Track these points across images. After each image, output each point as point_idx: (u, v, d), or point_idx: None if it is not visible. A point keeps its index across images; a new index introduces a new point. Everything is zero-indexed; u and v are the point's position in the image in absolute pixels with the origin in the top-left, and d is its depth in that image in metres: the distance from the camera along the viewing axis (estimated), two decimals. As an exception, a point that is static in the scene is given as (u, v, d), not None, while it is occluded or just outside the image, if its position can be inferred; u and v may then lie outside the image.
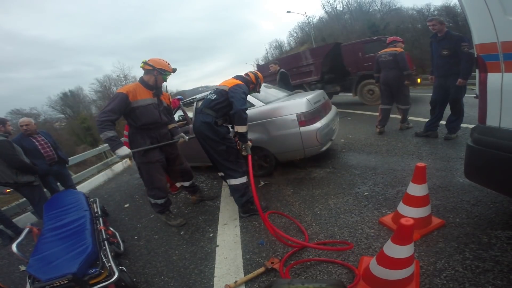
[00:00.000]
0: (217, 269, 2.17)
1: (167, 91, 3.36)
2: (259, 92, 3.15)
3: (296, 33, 54.58)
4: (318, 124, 3.36)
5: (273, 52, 63.43)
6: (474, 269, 1.64)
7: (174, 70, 2.88)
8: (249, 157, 2.69)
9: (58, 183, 4.22)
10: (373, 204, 2.60)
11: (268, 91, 4.13)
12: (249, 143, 2.81)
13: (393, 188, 2.82)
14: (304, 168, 3.85)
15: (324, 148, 3.53)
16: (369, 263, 1.69)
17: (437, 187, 2.65)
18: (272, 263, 1.99)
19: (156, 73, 2.74)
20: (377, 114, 5.14)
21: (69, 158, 6.14)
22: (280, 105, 3.52)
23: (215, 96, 2.85)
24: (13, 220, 4.40)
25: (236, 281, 1.91)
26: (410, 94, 4.94)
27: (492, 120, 1.59)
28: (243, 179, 2.79)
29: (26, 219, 4.35)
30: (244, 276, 1.98)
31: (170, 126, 3.14)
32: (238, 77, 3.00)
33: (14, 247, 2.12)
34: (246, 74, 3.06)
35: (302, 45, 44.53)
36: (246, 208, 2.83)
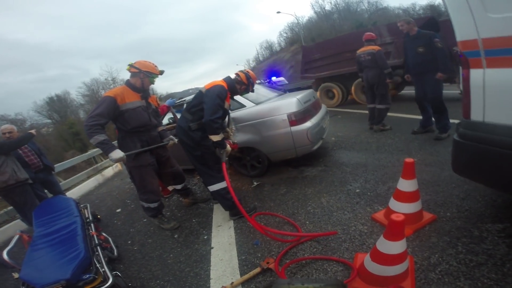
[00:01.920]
0: (212, 271, 2.16)
1: (153, 94, 3.33)
2: (252, 91, 3.05)
3: (286, 33, 55.01)
4: (308, 124, 3.39)
5: (263, 52, 63.77)
6: (468, 263, 1.65)
7: (161, 72, 2.83)
8: (223, 165, 2.61)
9: (46, 191, 4.13)
10: (365, 200, 2.64)
11: (258, 92, 4.15)
12: (229, 147, 2.75)
13: (384, 184, 2.86)
14: (297, 167, 3.88)
15: (315, 147, 3.57)
16: (364, 259, 1.71)
17: (427, 182, 2.69)
18: (267, 263, 1.99)
19: (143, 75, 2.70)
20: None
21: (57, 164, 6.09)
22: (270, 106, 3.55)
23: (193, 97, 2.77)
24: (3, 228, 4.34)
25: (232, 283, 1.91)
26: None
27: (476, 115, 1.64)
28: (222, 184, 2.71)
29: (16, 227, 4.25)
30: (240, 277, 1.98)
31: (159, 129, 3.10)
32: (226, 78, 2.86)
33: (4, 254, 2.12)
34: (237, 74, 2.88)
35: (292, 45, 44.92)
36: (235, 211, 2.77)
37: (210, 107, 2.50)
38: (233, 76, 2.86)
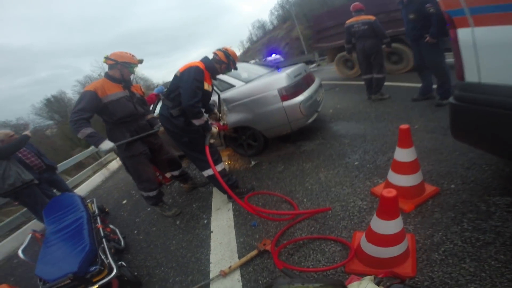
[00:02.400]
0: (212, 255, 2.18)
1: (136, 83, 3.24)
2: (236, 69, 2.84)
3: (277, 11, 53.05)
4: (300, 97, 3.31)
5: (256, 32, 61.99)
6: (474, 242, 1.51)
7: (140, 61, 2.76)
8: (206, 148, 2.50)
9: (55, 190, 4.19)
10: (364, 173, 2.55)
11: (249, 69, 4.03)
12: (214, 129, 2.64)
13: (384, 155, 2.77)
14: (294, 142, 3.82)
15: (310, 120, 3.51)
16: (361, 239, 1.62)
17: (428, 150, 2.56)
18: (264, 244, 1.99)
19: (120, 66, 2.63)
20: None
21: (62, 162, 6.13)
22: (260, 83, 3.45)
23: (170, 83, 2.62)
24: (22, 229, 4.46)
25: (230, 266, 1.92)
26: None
27: (470, 76, 1.51)
28: (217, 168, 2.64)
29: (33, 226, 4.37)
30: (239, 260, 1.99)
31: (148, 117, 3.05)
32: (203, 59, 2.64)
33: (20, 252, 2.23)
34: (215, 54, 2.66)
35: (285, 23, 43.53)
36: None
37: (187, 91, 2.34)
38: (211, 56, 2.68)
